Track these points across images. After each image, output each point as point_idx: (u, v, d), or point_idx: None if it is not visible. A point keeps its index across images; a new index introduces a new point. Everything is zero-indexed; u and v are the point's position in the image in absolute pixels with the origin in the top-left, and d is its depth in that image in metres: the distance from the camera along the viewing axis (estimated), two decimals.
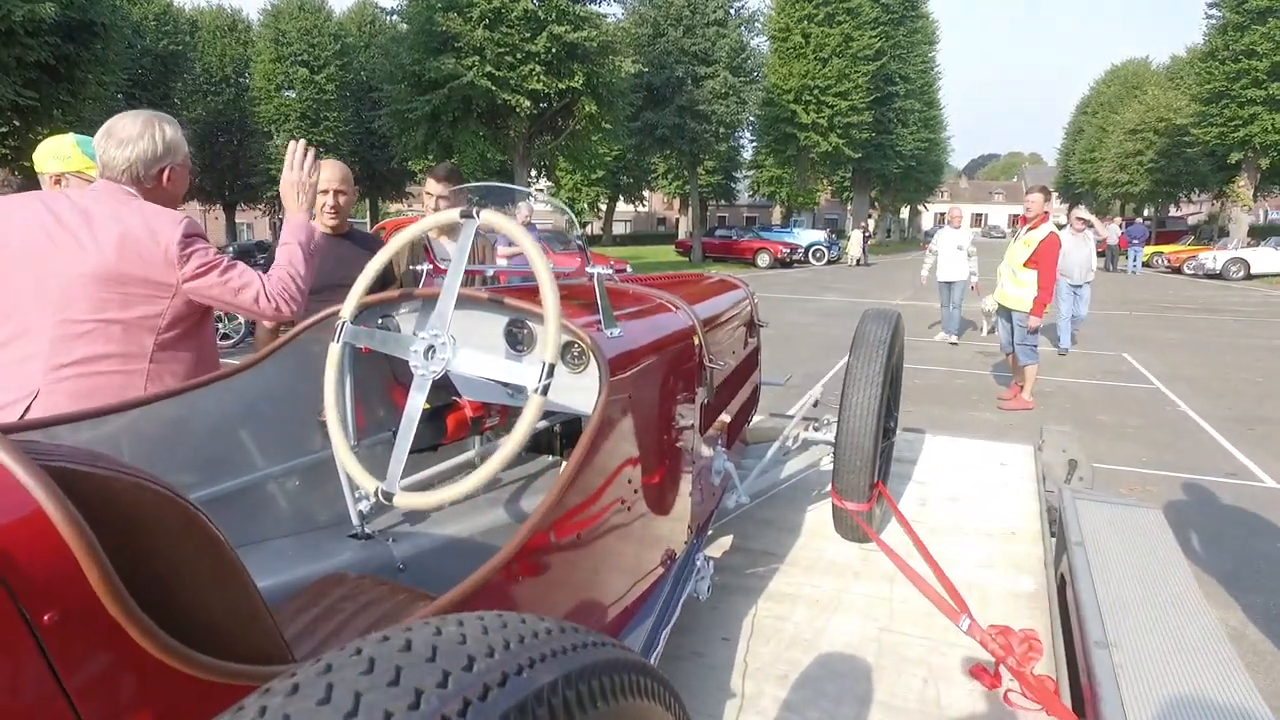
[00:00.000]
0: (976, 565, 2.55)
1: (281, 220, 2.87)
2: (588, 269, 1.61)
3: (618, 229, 52.22)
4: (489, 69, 18.31)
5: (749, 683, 1.89)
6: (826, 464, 3.32)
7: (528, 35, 18.61)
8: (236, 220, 34.79)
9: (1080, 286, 9.42)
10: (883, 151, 36.09)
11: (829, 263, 28.31)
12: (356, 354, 1.87)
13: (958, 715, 1.79)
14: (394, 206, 39.29)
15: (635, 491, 1.57)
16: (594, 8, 20.38)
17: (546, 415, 2.20)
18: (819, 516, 2.90)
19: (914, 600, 2.26)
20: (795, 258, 27.47)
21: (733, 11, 30.09)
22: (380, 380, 2.06)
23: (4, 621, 0.57)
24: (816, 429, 3.10)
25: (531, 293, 1.58)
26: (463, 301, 1.65)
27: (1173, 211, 41.80)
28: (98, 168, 1.84)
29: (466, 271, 1.49)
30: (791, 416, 3.50)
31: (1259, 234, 29.33)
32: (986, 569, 2.53)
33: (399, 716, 0.44)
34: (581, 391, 1.52)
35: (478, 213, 1.45)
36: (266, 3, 32.28)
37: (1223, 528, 4.27)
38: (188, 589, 0.77)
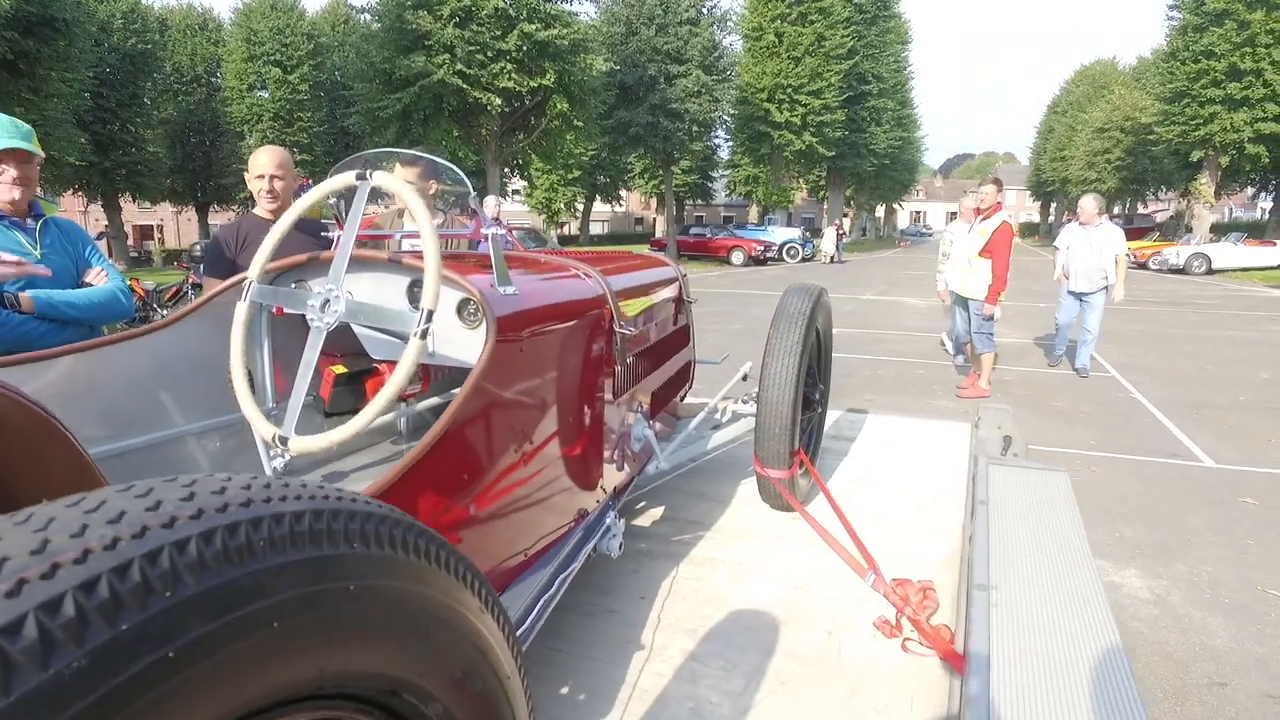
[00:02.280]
0: (897, 532, 2.63)
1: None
2: (483, 230, 1.67)
3: (595, 229, 52.24)
4: (460, 67, 18.32)
5: (660, 635, 1.95)
6: None
7: (498, 33, 18.64)
8: (210, 221, 34.41)
9: (1090, 294, 7.61)
10: (856, 150, 36.47)
11: (803, 260, 28.55)
12: (274, 320, 1.93)
13: (857, 661, 1.86)
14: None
15: (531, 444, 1.62)
16: (565, 6, 20.45)
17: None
18: (751, 489, 2.97)
19: (833, 564, 2.33)
20: (770, 255, 27.68)
21: (705, 10, 30.24)
22: (302, 347, 2.10)
23: None
24: (745, 402, 3.17)
25: (451, 257, 1.66)
26: (367, 264, 1.72)
27: (1141, 209, 42.64)
28: None
29: (370, 236, 1.55)
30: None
31: (1223, 230, 29.99)
32: (906, 535, 2.61)
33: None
34: (474, 347, 1.58)
35: (370, 175, 1.51)
36: (238, 1, 31.96)
37: (1158, 503, 4.40)
38: (38, 491, 0.80)
